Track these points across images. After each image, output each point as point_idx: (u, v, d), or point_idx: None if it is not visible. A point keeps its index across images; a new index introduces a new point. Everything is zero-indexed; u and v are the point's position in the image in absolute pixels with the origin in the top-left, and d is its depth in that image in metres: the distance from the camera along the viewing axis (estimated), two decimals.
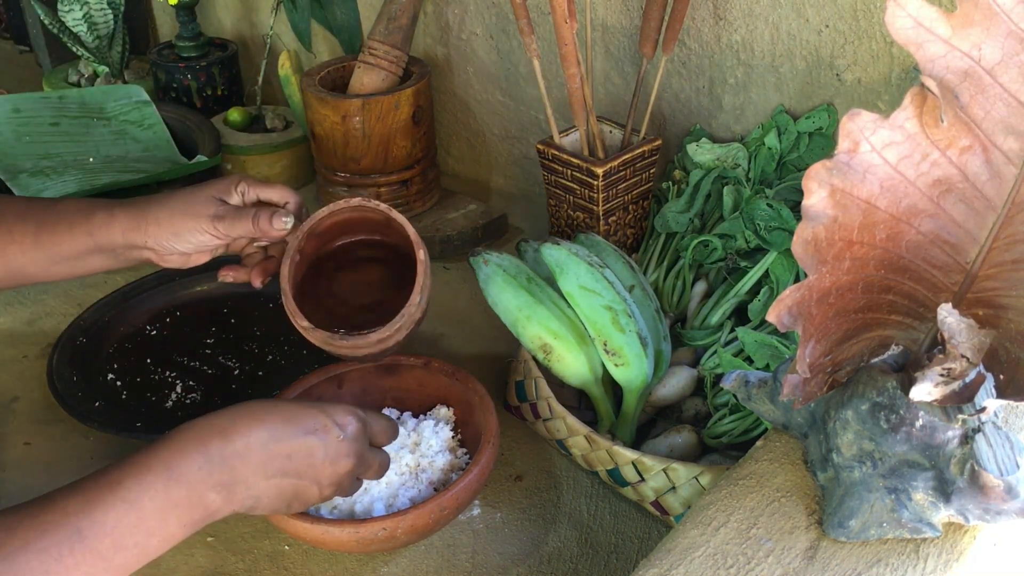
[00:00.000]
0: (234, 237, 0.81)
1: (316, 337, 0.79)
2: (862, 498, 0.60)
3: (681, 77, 1.07)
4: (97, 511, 0.59)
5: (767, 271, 0.90)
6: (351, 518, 0.75)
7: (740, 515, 0.62)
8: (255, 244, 0.85)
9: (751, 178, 0.99)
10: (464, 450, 0.84)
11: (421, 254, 0.79)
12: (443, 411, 0.86)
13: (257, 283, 0.84)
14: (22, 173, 1.22)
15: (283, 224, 0.80)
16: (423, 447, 0.82)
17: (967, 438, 0.57)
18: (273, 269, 0.84)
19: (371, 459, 0.73)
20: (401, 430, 0.82)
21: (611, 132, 1.05)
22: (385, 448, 0.75)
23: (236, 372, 0.98)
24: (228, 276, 0.84)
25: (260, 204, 0.82)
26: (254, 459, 0.65)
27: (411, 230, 0.80)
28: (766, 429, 0.76)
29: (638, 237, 1.06)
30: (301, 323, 0.79)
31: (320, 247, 0.85)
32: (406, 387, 0.87)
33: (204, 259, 0.84)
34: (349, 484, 0.72)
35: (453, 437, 0.85)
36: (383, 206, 0.81)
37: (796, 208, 0.90)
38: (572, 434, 0.83)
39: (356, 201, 0.81)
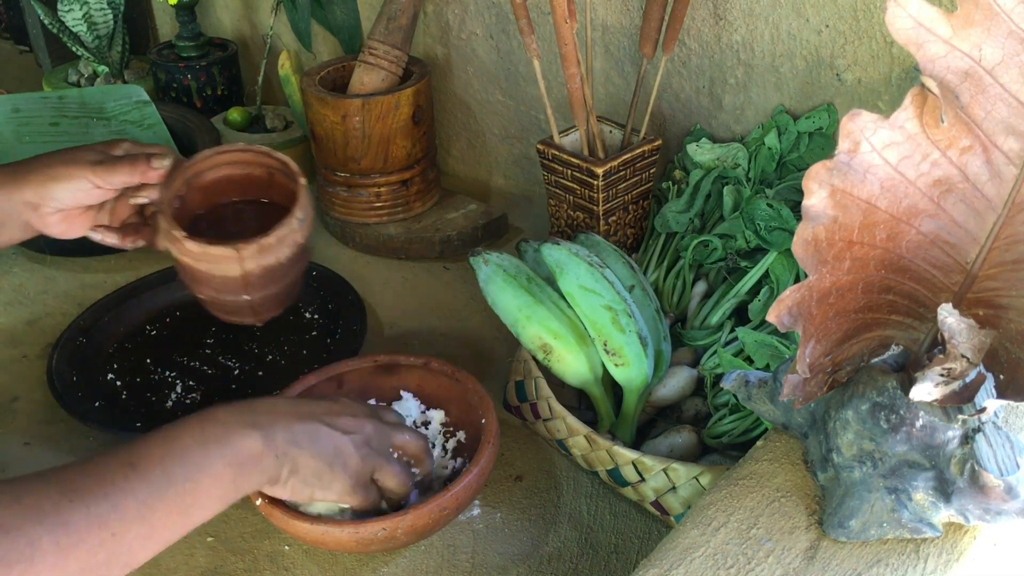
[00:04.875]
0: (113, 185, 0.82)
1: (190, 249, 0.79)
2: (862, 498, 0.60)
3: (681, 77, 1.07)
4: (141, 447, 0.62)
5: (767, 271, 0.90)
6: (351, 518, 0.75)
7: (740, 515, 0.62)
8: (132, 201, 0.85)
9: (751, 178, 0.99)
10: (462, 452, 0.84)
11: (303, 180, 0.83)
12: (435, 414, 0.86)
13: (127, 244, 0.86)
14: None
15: (161, 163, 0.81)
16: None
17: (967, 438, 0.57)
18: (148, 236, 0.85)
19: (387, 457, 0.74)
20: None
21: (611, 132, 1.05)
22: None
23: (236, 372, 0.98)
24: (97, 234, 0.85)
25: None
26: (281, 409, 0.70)
27: (291, 162, 0.84)
28: (766, 429, 0.76)
29: (638, 237, 1.06)
30: (175, 232, 0.79)
31: (200, 203, 0.86)
32: (406, 387, 0.87)
33: (85, 224, 0.84)
34: (373, 467, 0.73)
35: (448, 439, 0.85)
36: (265, 148, 0.85)
37: (796, 208, 0.90)
38: (572, 434, 0.83)
39: (239, 145, 0.85)
